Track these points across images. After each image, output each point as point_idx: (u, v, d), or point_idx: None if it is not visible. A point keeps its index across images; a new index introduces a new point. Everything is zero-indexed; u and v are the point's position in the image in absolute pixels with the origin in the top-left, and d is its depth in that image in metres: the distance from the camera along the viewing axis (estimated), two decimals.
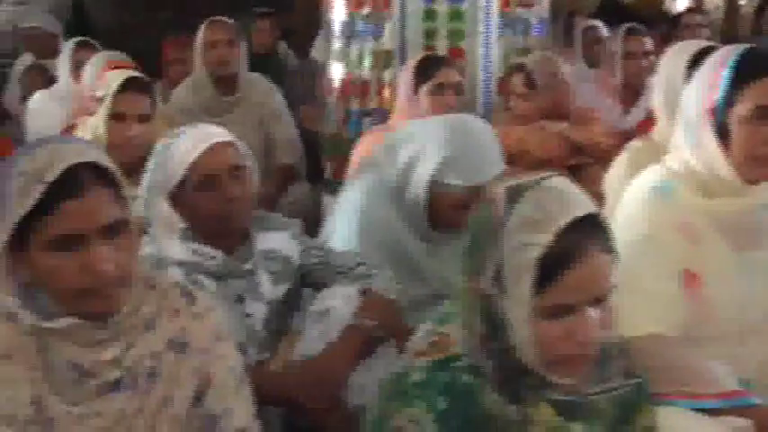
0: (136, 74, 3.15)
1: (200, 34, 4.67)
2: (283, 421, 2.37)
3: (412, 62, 3.83)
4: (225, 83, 4.68)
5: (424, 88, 3.73)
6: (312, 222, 3.30)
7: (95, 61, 4.07)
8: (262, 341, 2.47)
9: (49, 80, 5.63)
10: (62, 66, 5.03)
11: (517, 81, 4.09)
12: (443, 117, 2.93)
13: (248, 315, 2.47)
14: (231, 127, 4.37)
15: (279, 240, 2.57)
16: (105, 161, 1.77)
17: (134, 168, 3.10)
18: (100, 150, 1.79)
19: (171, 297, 1.90)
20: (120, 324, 1.80)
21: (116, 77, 3.08)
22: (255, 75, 4.89)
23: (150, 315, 1.85)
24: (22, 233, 1.71)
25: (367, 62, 4.27)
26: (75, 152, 1.74)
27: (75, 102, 4.09)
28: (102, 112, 3.06)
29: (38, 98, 4.97)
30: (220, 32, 4.63)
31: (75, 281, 1.72)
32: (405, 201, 2.73)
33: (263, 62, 5.73)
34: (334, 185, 4.36)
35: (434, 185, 2.68)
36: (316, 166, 4.72)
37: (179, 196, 2.44)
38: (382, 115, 4.24)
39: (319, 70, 5.68)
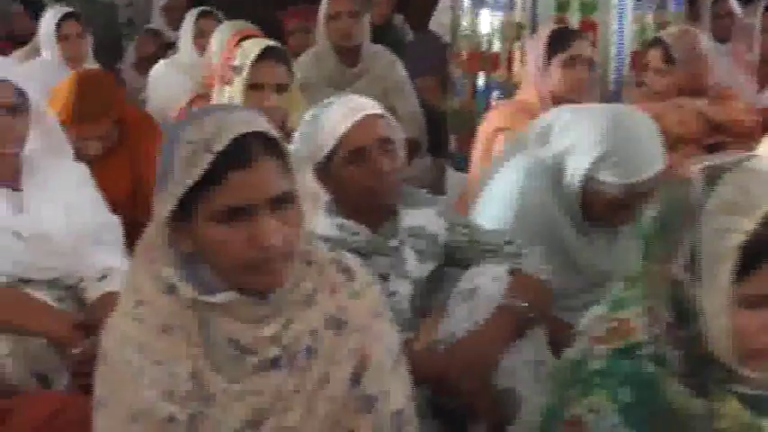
0: (273, 43, 3.09)
1: (324, 5, 4.62)
2: (430, 402, 2.30)
3: (544, 33, 3.70)
4: (348, 55, 4.63)
5: (556, 60, 3.60)
6: None
7: (223, 30, 4.03)
8: (406, 320, 2.40)
9: (161, 46, 5.67)
10: (184, 35, 5.02)
11: (654, 56, 3.94)
12: (602, 107, 2.80)
13: (392, 293, 2.40)
14: None
15: (425, 217, 2.50)
16: (273, 131, 1.72)
17: None
18: (267, 120, 1.73)
19: (329, 273, 1.84)
20: (281, 300, 1.74)
21: (253, 46, 3.03)
22: (378, 47, 4.82)
23: (309, 291, 1.80)
24: (187, 203, 1.66)
25: (497, 35, 4.14)
26: (244, 121, 1.68)
27: (205, 70, 4.06)
28: (239, 81, 3.02)
29: (159, 68, 4.98)
30: (344, 3, 4.57)
31: (241, 254, 1.66)
32: (561, 187, 2.63)
33: (379, 34, 5.63)
34: (459, 159, 4.28)
35: (589, 181, 2.57)
36: (438, 140, 4.63)
37: (326, 169, 2.38)
38: (511, 89, 4.12)
39: (438, 43, 5.65)
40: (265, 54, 3.01)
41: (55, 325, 2.37)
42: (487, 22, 4.21)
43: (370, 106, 2.41)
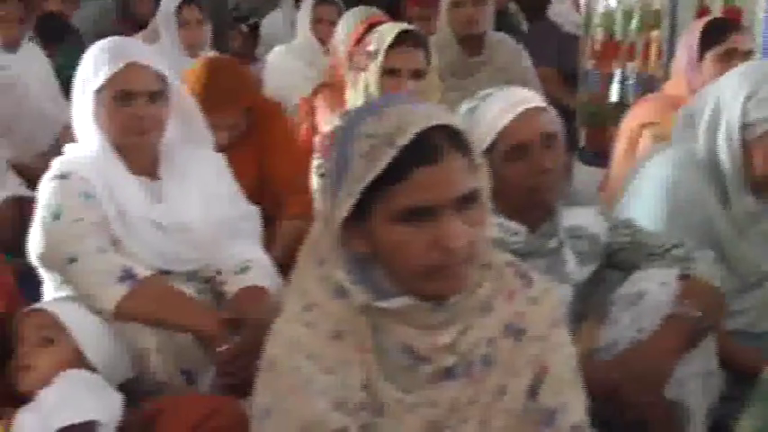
0: (409, 26, 2.96)
1: None
2: (596, 415, 2.15)
3: (698, 25, 3.51)
4: (471, 43, 4.47)
5: (710, 54, 3.40)
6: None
7: (350, 16, 3.92)
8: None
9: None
10: (302, 21, 4.93)
11: None
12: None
13: None
14: (475, 90, 4.33)
15: (585, 216, 2.36)
16: (460, 125, 1.59)
17: None
18: (452, 113, 1.60)
19: (506, 277, 1.72)
20: (458, 306, 1.62)
21: (389, 31, 2.90)
22: (502, 35, 4.65)
23: (486, 297, 1.67)
24: (363, 202, 1.55)
25: (634, 23, 3.96)
26: (428, 114, 1.56)
27: (331, 58, 3.94)
28: (374, 67, 2.90)
29: (278, 54, 4.90)
30: None
31: (422, 257, 1.55)
32: (717, 171, 2.49)
33: (494, 23, 5.49)
34: (588, 154, 4.12)
35: (746, 133, 2.45)
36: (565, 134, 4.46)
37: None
38: (646, 80, 3.94)
39: (557, 32, 5.48)
40: (401, 38, 2.89)
41: (204, 321, 2.29)
42: (623, 10, 4.02)
43: (532, 98, 2.27)
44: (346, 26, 3.86)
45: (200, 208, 2.57)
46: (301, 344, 1.60)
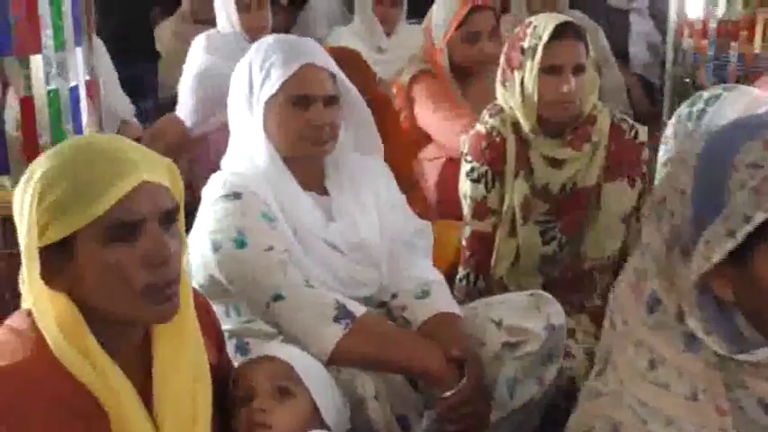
0: (566, 18, 2.71)
1: None
2: None
3: None
4: None
5: None
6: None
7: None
8: None
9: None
10: (361, 1, 4.69)
11: None
12: None
13: None
14: None
15: None
16: None
17: (565, 127, 2.72)
18: None
19: None
20: None
21: (545, 24, 2.64)
22: (578, 13, 4.46)
23: None
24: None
25: (740, 1, 3.76)
26: None
27: (427, 44, 3.67)
28: (531, 65, 2.65)
29: (338, 35, 4.66)
30: None
31: None
32: None
33: None
34: None
35: None
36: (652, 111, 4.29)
37: None
38: (748, 62, 3.75)
39: (602, 6, 5.28)
40: (561, 31, 2.65)
41: (432, 361, 2.06)
42: None
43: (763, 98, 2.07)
44: (444, 9, 3.60)
45: (375, 225, 2.33)
46: (657, 408, 1.39)
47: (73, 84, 2.39)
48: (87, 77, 2.43)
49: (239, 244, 2.10)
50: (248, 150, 2.28)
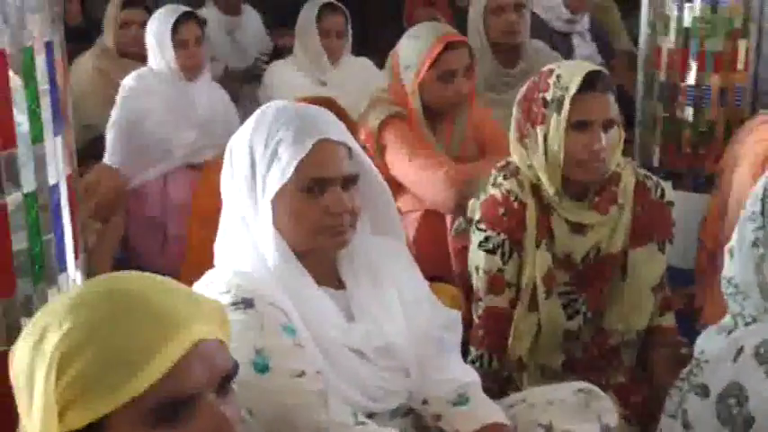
0: (595, 66, 2.41)
1: None
2: None
3: None
4: (507, 53, 3.99)
5: None
6: None
7: (415, 33, 3.30)
8: None
9: None
10: (304, 33, 4.35)
11: None
12: None
13: None
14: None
15: None
16: None
17: (589, 189, 2.43)
18: None
19: None
20: None
21: (571, 73, 2.33)
22: (540, 43, 4.20)
23: None
24: None
25: (715, 30, 3.55)
26: None
27: (395, 84, 3.33)
28: (557, 119, 2.33)
29: (277, 68, 4.31)
30: None
31: None
32: None
33: None
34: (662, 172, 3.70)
35: None
36: None
37: None
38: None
39: (546, 30, 5.05)
40: (590, 82, 2.34)
41: None
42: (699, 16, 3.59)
43: None
44: (415, 47, 3.26)
45: (401, 323, 1.97)
46: None
47: (53, 182, 1.96)
48: (69, 171, 1.98)
49: (261, 368, 1.72)
50: (252, 245, 1.90)
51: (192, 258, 3.05)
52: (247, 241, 1.90)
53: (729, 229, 3.13)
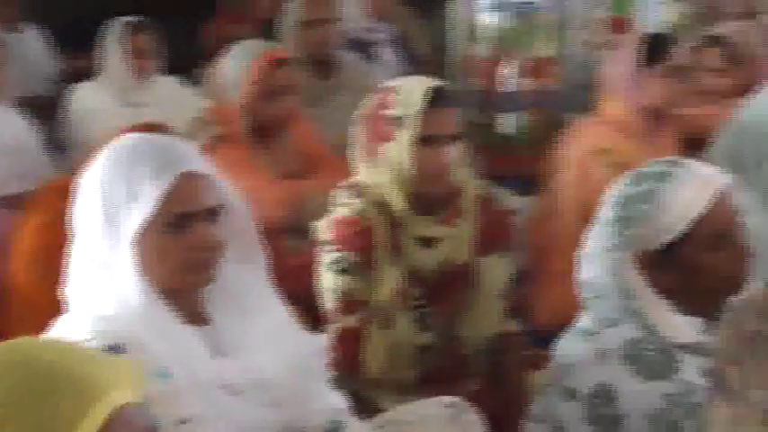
0: (437, 82, 2.43)
1: (293, 10, 3.95)
2: None
3: (633, 39, 3.29)
4: (321, 66, 4.02)
5: (655, 70, 3.19)
6: None
7: (240, 52, 3.25)
8: None
9: None
10: (112, 53, 4.18)
11: (713, 55, 3.61)
12: None
13: None
14: (331, 116, 3.85)
15: None
16: None
17: (435, 203, 2.46)
18: None
19: None
20: None
21: (414, 89, 2.35)
22: (352, 55, 4.25)
23: None
24: None
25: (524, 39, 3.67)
26: None
27: (222, 105, 3.26)
28: (404, 136, 2.34)
29: (87, 94, 4.15)
30: (323, 9, 3.94)
31: None
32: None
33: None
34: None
35: None
36: None
37: (666, 257, 1.87)
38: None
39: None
40: (436, 97, 2.36)
41: None
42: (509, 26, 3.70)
43: (721, 176, 1.90)
44: (238, 65, 3.21)
45: (271, 352, 1.92)
46: None
47: None
48: None
49: None
50: (112, 287, 1.79)
51: (17, 305, 2.85)
52: (107, 284, 1.80)
53: (561, 229, 3.27)
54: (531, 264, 3.36)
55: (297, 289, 2.66)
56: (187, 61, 4.71)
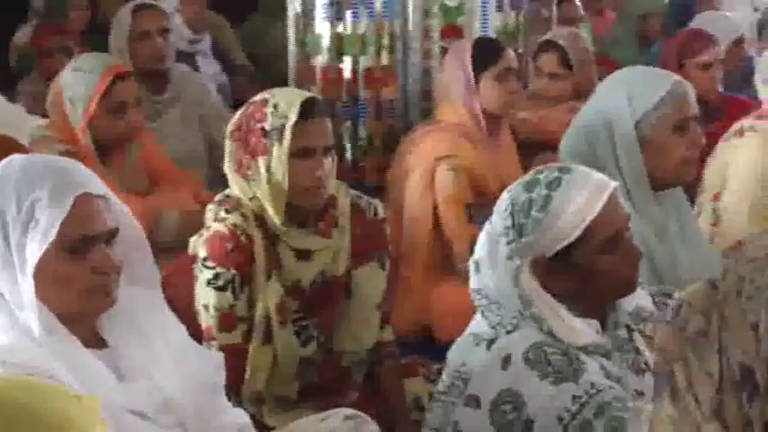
0: (309, 93, 2.40)
1: (123, 23, 3.82)
2: None
3: (465, 46, 3.39)
4: (154, 79, 3.89)
5: (488, 75, 3.30)
6: None
7: (80, 67, 3.12)
8: None
9: None
10: None
11: (549, 60, 3.76)
12: None
13: (641, 394, 2.01)
14: (167, 130, 3.78)
15: (642, 295, 2.13)
16: None
17: (320, 213, 2.46)
18: None
19: None
20: None
21: (287, 101, 2.31)
22: (185, 67, 4.17)
23: None
24: None
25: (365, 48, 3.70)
26: None
27: (59, 122, 3.12)
28: (279, 149, 2.32)
29: None
30: (154, 20, 3.83)
31: None
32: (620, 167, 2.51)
33: None
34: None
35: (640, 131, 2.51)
36: None
37: (561, 261, 1.93)
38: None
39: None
40: (309, 109, 2.35)
41: None
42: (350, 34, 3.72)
43: (608, 180, 1.98)
44: (80, 81, 3.08)
45: (174, 373, 1.87)
46: None
47: None
48: None
49: None
50: (9, 316, 1.70)
51: None
52: (3, 313, 1.71)
53: (408, 238, 3.32)
54: None
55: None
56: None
